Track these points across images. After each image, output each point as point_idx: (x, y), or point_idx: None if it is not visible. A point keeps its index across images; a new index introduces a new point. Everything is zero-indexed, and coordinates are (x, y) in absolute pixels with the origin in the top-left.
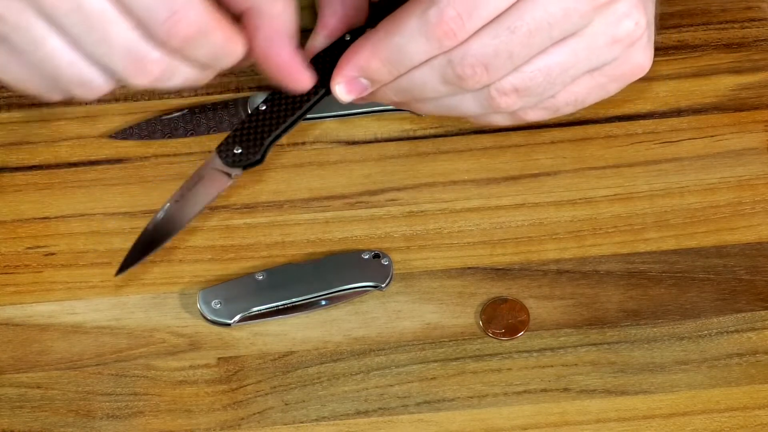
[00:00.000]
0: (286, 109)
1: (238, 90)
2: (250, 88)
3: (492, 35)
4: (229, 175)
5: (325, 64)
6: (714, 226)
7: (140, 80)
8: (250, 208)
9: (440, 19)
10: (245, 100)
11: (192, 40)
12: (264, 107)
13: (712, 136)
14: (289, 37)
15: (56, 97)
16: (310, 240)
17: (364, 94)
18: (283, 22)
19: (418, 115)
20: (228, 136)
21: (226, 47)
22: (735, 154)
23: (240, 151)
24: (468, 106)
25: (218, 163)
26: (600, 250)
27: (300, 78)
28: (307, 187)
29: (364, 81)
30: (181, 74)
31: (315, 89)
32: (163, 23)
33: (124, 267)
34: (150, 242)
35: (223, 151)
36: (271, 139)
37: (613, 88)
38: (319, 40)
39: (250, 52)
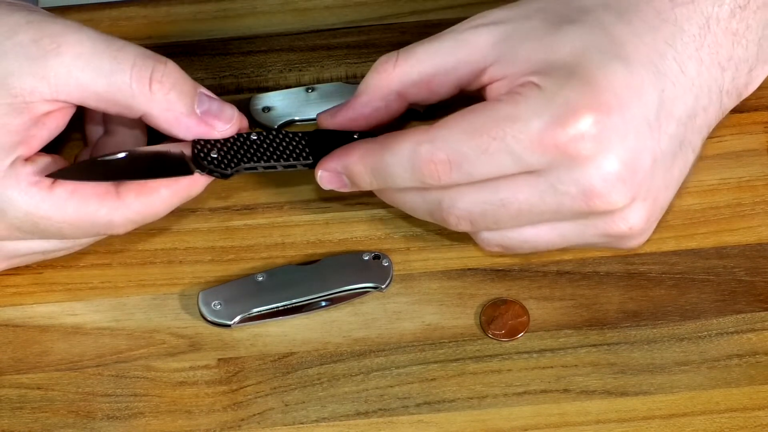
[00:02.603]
0: (270, 155)
1: (238, 91)
2: (250, 90)
3: (484, 199)
4: (191, 170)
5: (323, 142)
6: (714, 227)
7: None
8: (250, 209)
9: (430, 157)
10: (246, 101)
11: None
12: (255, 137)
13: (712, 138)
14: (186, 118)
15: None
16: (310, 241)
17: (344, 189)
18: (173, 113)
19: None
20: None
21: None
22: (735, 156)
23: (216, 156)
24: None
25: (188, 153)
26: (600, 251)
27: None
28: (307, 188)
29: (345, 179)
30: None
31: (305, 158)
32: None
33: (58, 174)
34: (91, 171)
35: (199, 146)
36: (245, 167)
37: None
38: (335, 122)
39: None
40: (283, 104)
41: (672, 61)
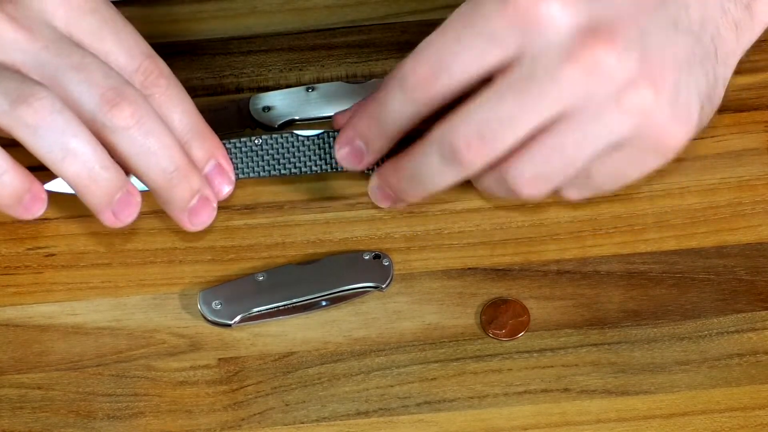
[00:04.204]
0: (273, 160)
1: (238, 91)
2: (250, 89)
3: (482, 107)
4: None
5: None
6: (714, 227)
7: None
8: (250, 208)
9: (413, 71)
10: (246, 101)
11: None
12: (258, 141)
13: (713, 137)
14: None
15: None
16: (310, 240)
17: (361, 163)
18: None
19: None
20: None
21: None
22: (735, 155)
23: None
24: (497, 191)
25: None
26: (600, 251)
27: None
28: (307, 188)
29: (358, 143)
30: None
31: (324, 162)
32: None
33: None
34: None
35: None
36: (250, 176)
37: (652, 162)
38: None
39: None
40: (284, 104)
41: None
